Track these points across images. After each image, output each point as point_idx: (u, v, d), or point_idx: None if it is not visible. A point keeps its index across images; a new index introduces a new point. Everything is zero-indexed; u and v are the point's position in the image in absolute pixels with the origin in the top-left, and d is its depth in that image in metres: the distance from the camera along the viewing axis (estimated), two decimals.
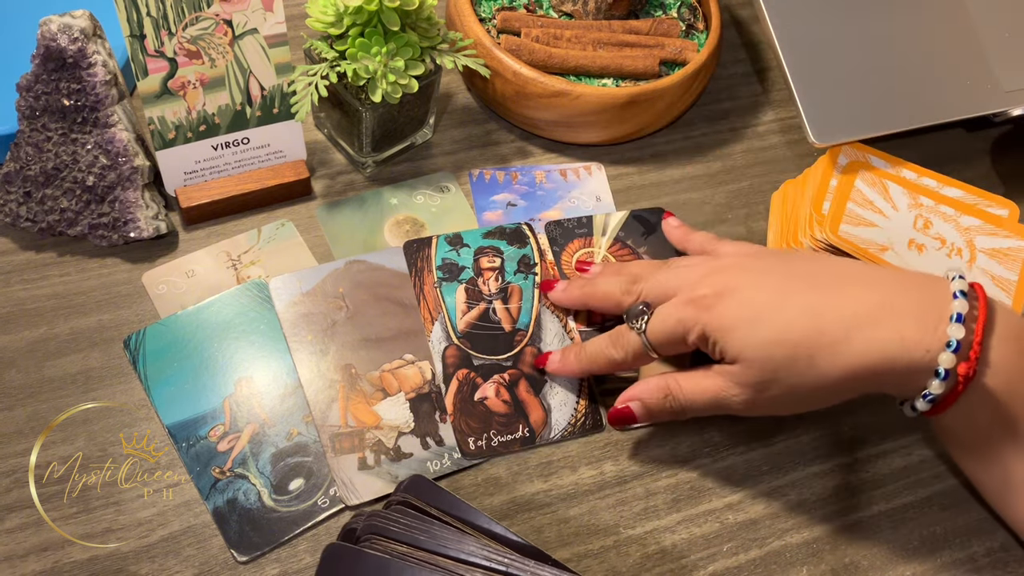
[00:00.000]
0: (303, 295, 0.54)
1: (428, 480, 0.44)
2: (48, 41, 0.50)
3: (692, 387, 0.47)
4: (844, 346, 0.43)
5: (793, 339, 0.43)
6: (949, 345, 0.42)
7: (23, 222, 0.54)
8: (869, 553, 0.50)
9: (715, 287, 0.46)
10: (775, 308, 0.44)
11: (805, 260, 0.48)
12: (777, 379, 0.44)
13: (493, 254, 0.58)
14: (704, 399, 0.47)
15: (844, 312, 0.43)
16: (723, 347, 0.45)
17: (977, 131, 0.71)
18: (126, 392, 0.50)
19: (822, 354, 0.43)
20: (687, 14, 0.68)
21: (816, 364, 0.43)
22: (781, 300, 0.45)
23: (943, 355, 0.42)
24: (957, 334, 0.42)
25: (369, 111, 0.56)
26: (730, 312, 0.45)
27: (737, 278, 0.46)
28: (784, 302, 0.44)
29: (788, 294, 0.45)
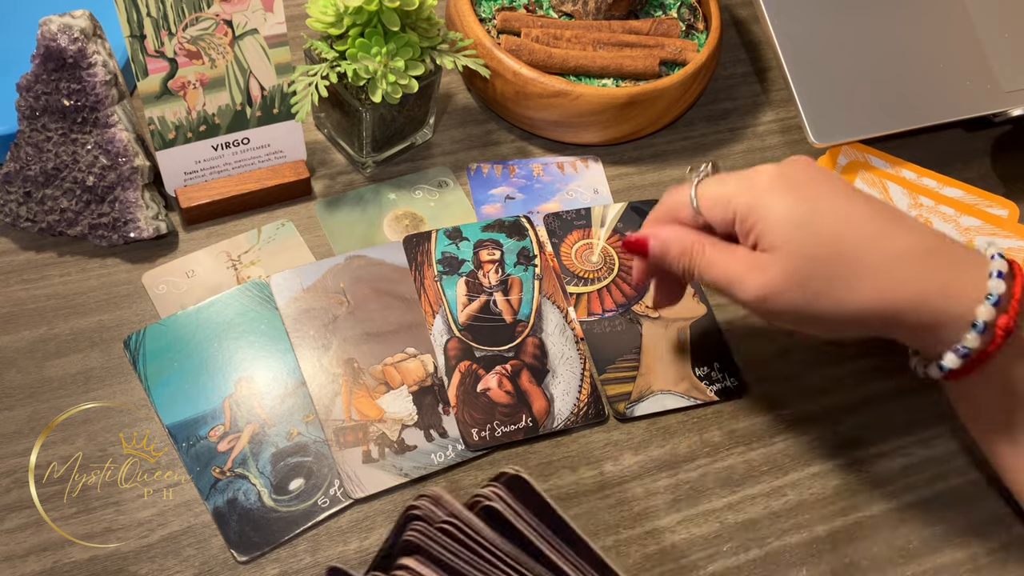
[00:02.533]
0: (304, 291, 0.54)
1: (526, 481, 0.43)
2: (48, 41, 0.50)
3: (715, 256, 0.45)
4: (885, 273, 0.41)
5: (840, 249, 0.42)
6: (989, 297, 0.41)
7: (23, 222, 0.54)
8: (869, 553, 0.50)
9: (780, 177, 0.44)
10: (831, 214, 0.43)
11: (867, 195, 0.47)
12: (806, 283, 0.42)
13: (492, 247, 0.58)
14: (720, 272, 0.44)
15: (896, 243, 0.42)
16: (762, 231, 0.43)
17: (977, 131, 0.71)
18: (126, 392, 0.50)
19: (863, 274, 0.41)
20: (687, 14, 0.68)
21: (853, 282, 0.42)
22: (838, 210, 0.43)
23: (982, 307, 0.41)
24: (998, 288, 0.41)
25: (369, 111, 0.56)
26: (785, 202, 0.43)
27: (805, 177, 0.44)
28: (841, 212, 0.43)
29: (848, 209, 0.43)
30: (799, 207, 0.43)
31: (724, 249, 0.45)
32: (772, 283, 0.43)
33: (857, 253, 0.42)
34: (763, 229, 0.43)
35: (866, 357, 0.58)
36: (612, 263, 0.59)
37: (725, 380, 0.55)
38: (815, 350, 0.58)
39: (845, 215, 0.43)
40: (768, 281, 0.43)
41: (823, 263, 0.42)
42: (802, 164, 0.45)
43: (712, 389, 0.55)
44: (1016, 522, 0.52)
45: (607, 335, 0.56)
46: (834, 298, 0.42)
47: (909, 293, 0.42)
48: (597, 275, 0.58)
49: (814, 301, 0.42)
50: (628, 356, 0.55)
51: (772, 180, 0.44)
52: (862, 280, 0.42)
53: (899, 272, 0.42)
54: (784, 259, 0.42)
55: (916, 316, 0.42)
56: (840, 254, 0.42)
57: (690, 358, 0.56)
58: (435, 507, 0.41)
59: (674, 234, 0.46)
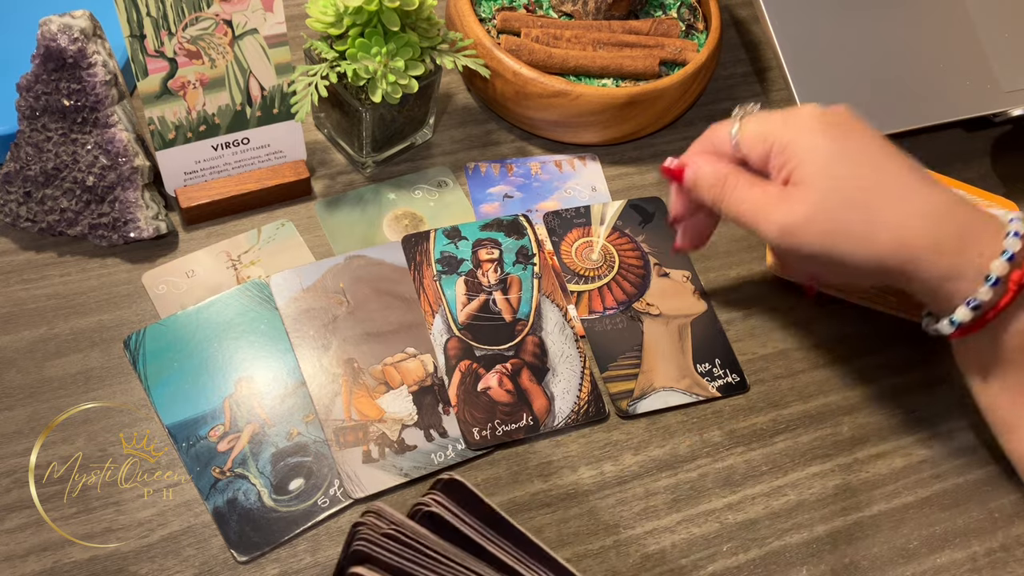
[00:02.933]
0: (304, 291, 0.54)
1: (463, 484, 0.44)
2: (48, 41, 0.50)
3: (746, 187, 0.46)
4: (907, 219, 0.43)
5: (867, 191, 0.43)
6: (1004, 253, 0.43)
7: (23, 222, 0.54)
8: (869, 553, 0.50)
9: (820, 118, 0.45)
10: (863, 158, 0.44)
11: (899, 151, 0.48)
12: (831, 219, 0.43)
13: (491, 246, 0.58)
14: (749, 203, 0.46)
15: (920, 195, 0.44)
16: (796, 165, 0.44)
17: (977, 131, 0.71)
18: (126, 392, 0.50)
19: (886, 217, 0.43)
20: (687, 14, 0.68)
21: (875, 224, 0.43)
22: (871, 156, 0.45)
23: (996, 262, 0.43)
24: (1014, 246, 0.43)
25: (369, 111, 0.56)
26: (821, 140, 0.44)
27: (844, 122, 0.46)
28: (872, 158, 0.44)
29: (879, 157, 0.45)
30: (833, 146, 0.44)
31: (755, 182, 0.46)
32: (798, 215, 0.44)
33: (882, 197, 0.43)
34: (797, 163, 0.44)
35: (866, 357, 0.58)
36: (612, 261, 0.59)
37: (727, 376, 0.55)
38: (815, 350, 0.58)
39: (876, 161, 0.44)
40: (794, 213, 0.44)
41: (850, 202, 0.43)
42: (843, 111, 0.46)
43: (714, 385, 0.55)
44: (1016, 522, 0.52)
45: (608, 333, 0.56)
46: (856, 238, 0.43)
47: (927, 241, 0.43)
48: (598, 273, 0.58)
49: (836, 238, 0.44)
50: (630, 354, 0.55)
51: (812, 119, 0.45)
52: (884, 223, 0.43)
53: (920, 220, 0.43)
54: (813, 193, 0.44)
55: (932, 265, 0.43)
56: (867, 196, 0.43)
57: (691, 355, 0.56)
58: (378, 520, 0.42)
59: (710, 164, 0.48)
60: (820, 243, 0.44)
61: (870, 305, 0.59)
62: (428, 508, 0.42)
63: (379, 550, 0.40)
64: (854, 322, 0.59)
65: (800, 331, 0.58)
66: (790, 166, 0.45)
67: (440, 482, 0.44)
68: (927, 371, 0.58)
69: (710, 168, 0.48)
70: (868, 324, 0.59)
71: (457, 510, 0.43)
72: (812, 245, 0.44)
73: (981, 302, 0.43)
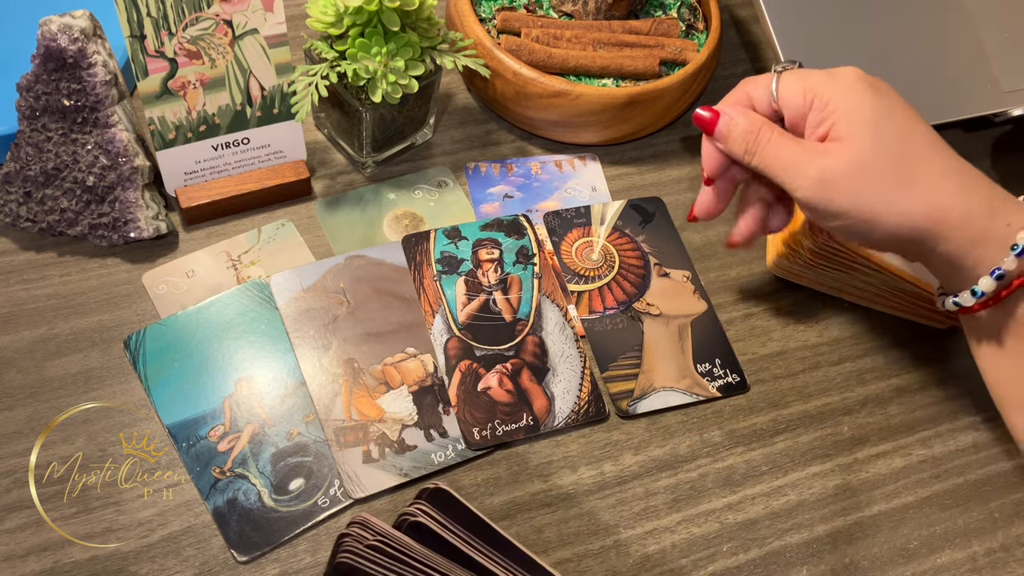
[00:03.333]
0: (304, 291, 0.54)
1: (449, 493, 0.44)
2: (48, 41, 0.50)
3: (781, 139, 0.46)
4: (940, 184, 0.44)
5: (904, 153, 0.44)
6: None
7: (23, 222, 0.54)
8: (869, 553, 0.50)
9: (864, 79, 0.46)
10: (902, 122, 0.45)
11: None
12: (867, 174, 0.44)
13: (491, 246, 0.58)
14: (783, 154, 0.46)
15: (952, 164, 0.44)
16: (838, 119, 0.44)
17: (977, 131, 0.71)
18: (126, 392, 0.50)
19: (920, 180, 0.43)
20: (687, 14, 0.68)
21: (909, 186, 0.43)
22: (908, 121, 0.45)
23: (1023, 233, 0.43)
24: None
25: (369, 111, 0.56)
26: (864, 98, 0.45)
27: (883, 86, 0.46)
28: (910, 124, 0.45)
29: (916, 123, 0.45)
30: (876, 106, 0.44)
31: (788, 136, 0.47)
32: (837, 168, 0.44)
33: (918, 161, 0.44)
34: (839, 118, 0.44)
35: (866, 356, 0.58)
36: (612, 261, 0.59)
37: (727, 376, 0.55)
38: (815, 350, 0.58)
39: (914, 128, 0.45)
40: (834, 166, 0.44)
41: (887, 160, 0.44)
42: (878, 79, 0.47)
43: (714, 385, 0.55)
44: (1016, 522, 0.53)
45: (608, 333, 0.56)
46: (886, 198, 0.44)
47: (960, 205, 0.43)
48: (598, 273, 0.58)
49: (872, 194, 0.44)
50: (630, 354, 0.55)
51: (856, 78, 0.45)
52: (921, 184, 0.43)
53: (953, 186, 0.44)
54: (855, 147, 0.44)
55: (959, 231, 0.43)
56: (904, 157, 0.44)
57: (691, 355, 0.56)
58: (363, 531, 0.42)
59: (744, 114, 0.48)
60: (855, 199, 0.44)
61: (870, 305, 0.59)
62: (413, 518, 0.43)
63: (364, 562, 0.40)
64: (854, 322, 0.59)
65: (800, 331, 0.58)
66: (831, 120, 0.45)
67: (425, 491, 0.44)
68: (927, 371, 0.58)
69: (744, 119, 0.47)
70: (868, 324, 0.59)
71: (442, 519, 0.43)
72: (846, 201, 0.44)
73: (1006, 272, 0.43)
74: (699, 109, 0.49)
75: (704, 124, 0.49)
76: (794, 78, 0.47)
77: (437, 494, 0.44)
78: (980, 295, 0.44)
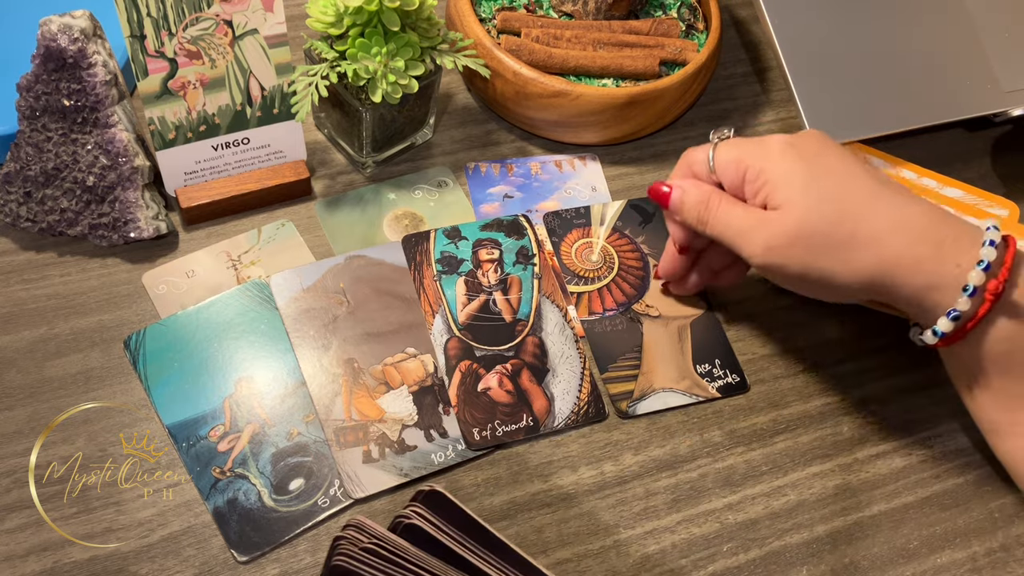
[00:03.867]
0: (304, 291, 0.54)
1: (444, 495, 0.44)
2: (48, 41, 0.50)
3: (729, 209, 0.48)
4: (885, 236, 0.44)
5: (842, 211, 0.45)
6: (980, 263, 0.43)
7: (23, 222, 0.54)
8: (869, 553, 0.50)
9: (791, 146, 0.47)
10: (836, 180, 0.46)
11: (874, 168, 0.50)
12: (810, 239, 0.45)
13: (491, 246, 0.58)
14: (731, 222, 0.48)
15: (895, 211, 0.45)
16: (771, 191, 0.46)
17: (977, 131, 0.71)
18: (126, 392, 0.50)
19: (864, 235, 0.44)
20: (687, 14, 0.68)
21: (853, 243, 0.44)
22: (843, 177, 0.46)
23: (973, 272, 0.43)
24: (989, 255, 0.44)
25: (369, 111, 0.56)
26: (794, 166, 0.46)
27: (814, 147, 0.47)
28: (845, 180, 0.46)
29: (852, 178, 0.46)
30: (807, 172, 0.46)
31: (736, 204, 0.48)
32: (778, 237, 0.46)
33: (859, 217, 0.45)
34: (772, 189, 0.46)
35: (866, 357, 0.58)
36: (612, 262, 0.59)
37: (727, 377, 0.55)
38: (815, 350, 0.58)
39: (849, 182, 0.46)
40: (774, 234, 0.46)
41: (827, 223, 0.45)
42: (813, 136, 0.48)
43: (714, 386, 0.55)
44: (1016, 522, 0.53)
45: (608, 334, 0.56)
46: (836, 257, 0.45)
47: (907, 254, 0.44)
48: (597, 274, 0.58)
49: (818, 258, 0.45)
50: (629, 355, 0.55)
51: (783, 147, 0.47)
52: (863, 240, 0.44)
53: (898, 236, 0.44)
54: (790, 216, 0.45)
55: (912, 278, 0.44)
56: (843, 216, 0.45)
57: (691, 356, 0.56)
58: (359, 534, 0.42)
59: (694, 185, 0.50)
60: (803, 263, 0.46)
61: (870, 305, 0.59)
62: (409, 520, 0.43)
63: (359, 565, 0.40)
64: (854, 322, 0.59)
65: (800, 331, 0.58)
66: (765, 191, 0.46)
67: (421, 493, 0.44)
68: (927, 371, 0.57)
69: (695, 189, 0.50)
70: (868, 324, 0.59)
71: (438, 521, 0.43)
72: (795, 266, 0.46)
73: (960, 312, 0.44)
74: (653, 185, 0.52)
75: (659, 198, 0.51)
76: (728, 149, 0.49)
77: (432, 496, 0.44)
78: (941, 335, 0.46)
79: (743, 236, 0.47)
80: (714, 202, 0.49)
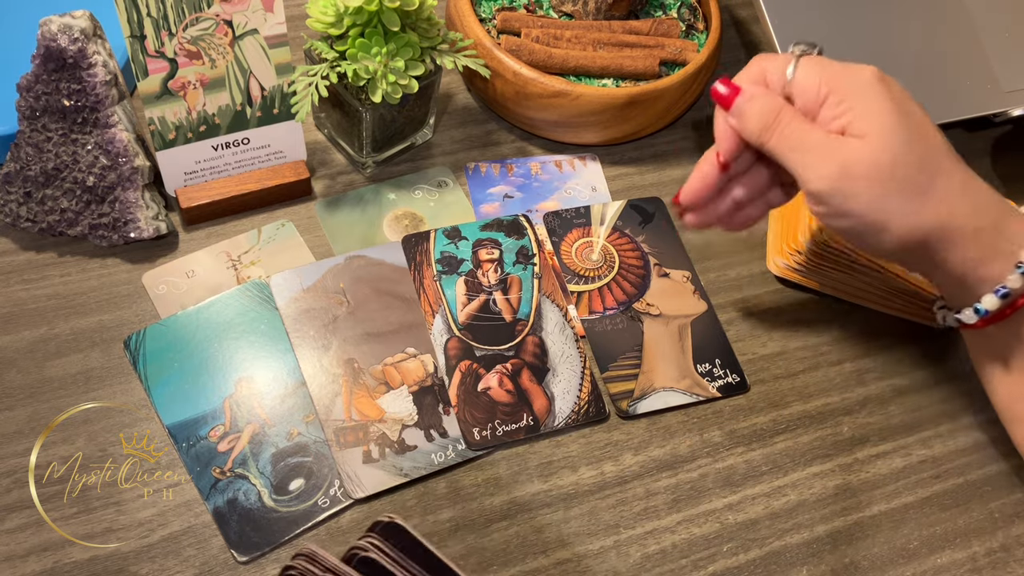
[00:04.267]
0: (304, 291, 0.54)
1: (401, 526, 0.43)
2: (48, 41, 0.50)
3: (801, 126, 0.44)
4: (955, 197, 0.43)
5: (929, 155, 0.43)
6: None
7: (23, 222, 0.54)
8: (869, 553, 0.50)
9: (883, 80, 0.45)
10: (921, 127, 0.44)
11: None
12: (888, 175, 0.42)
13: (491, 246, 0.58)
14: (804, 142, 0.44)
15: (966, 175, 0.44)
16: (858, 116, 0.43)
17: (977, 131, 0.71)
18: (126, 392, 0.50)
19: (936, 189, 0.42)
20: (687, 14, 0.68)
21: (927, 190, 0.42)
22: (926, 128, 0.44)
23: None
24: None
25: (369, 111, 0.56)
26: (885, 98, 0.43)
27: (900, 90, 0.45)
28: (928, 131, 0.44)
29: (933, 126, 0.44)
30: (897, 111, 0.43)
31: (810, 123, 0.44)
32: (857, 164, 0.42)
33: (938, 169, 0.43)
34: (859, 115, 0.43)
35: (866, 357, 0.58)
36: (612, 261, 0.59)
37: (727, 376, 0.55)
38: (815, 350, 0.58)
39: (932, 133, 0.44)
40: (853, 160, 0.42)
41: (908, 166, 0.42)
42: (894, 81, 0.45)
43: (714, 386, 0.55)
44: (1016, 522, 0.53)
45: (608, 333, 0.56)
46: (906, 202, 0.42)
47: (970, 222, 0.43)
48: (598, 273, 0.58)
49: (888, 198, 0.42)
50: (630, 354, 0.55)
51: (875, 78, 0.44)
52: (935, 196, 0.42)
53: (965, 200, 0.43)
54: (875, 147, 0.42)
55: (969, 247, 0.43)
56: (925, 163, 0.43)
57: (691, 355, 0.56)
58: (311, 564, 0.41)
59: (764, 93, 0.45)
60: (871, 199, 0.42)
61: (870, 305, 0.59)
62: (365, 552, 0.41)
63: None
64: (854, 322, 0.59)
65: (800, 331, 0.58)
66: (849, 117, 0.43)
67: (379, 524, 0.43)
68: (927, 371, 0.58)
69: (765, 97, 0.45)
70: (868, 324, 0.59)
71: (395, 555, 0.42)
72: (862, 200, 0.42)
73: (1010, 290, 0.43)
74: (718, 82, 0.46)
75: (721, 99, 0.46)
76: (812, 66, 0.45)
77: (390, 528, 0.43)
78: (984, 313, 0.44)
79: (813, 156, 0.43)
80: (786, 115, 0.44)
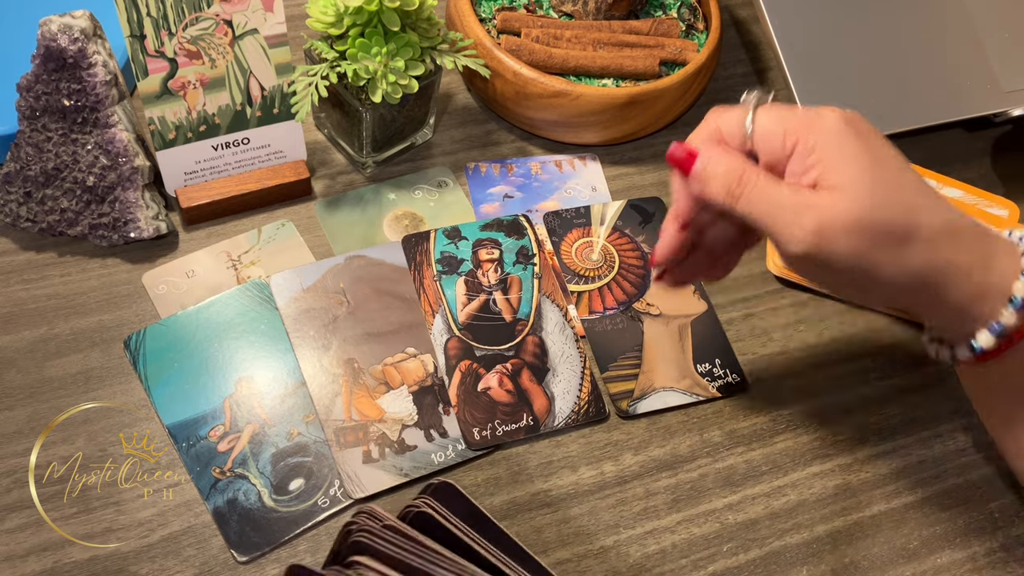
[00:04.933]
0: (304, 291, 0.54)
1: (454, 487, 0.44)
2: (48, 41, 0.50)
3: (769, 186, 0.41)
4: (939, 238, 0.40)
5: (907, 198, 0.40)
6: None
7: (23, 222, 0.54)
8: (869, 553, 0.50)
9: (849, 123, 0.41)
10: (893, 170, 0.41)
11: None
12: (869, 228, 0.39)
13: (491, 246, 0.58)
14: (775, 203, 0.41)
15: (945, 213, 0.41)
16: (828, 169, 0.40)
17: (977, 131, 0.71)
18: (126, 392, 0.50)
19: (920, 234, 0.40)
20: (687, 14, 0.68)
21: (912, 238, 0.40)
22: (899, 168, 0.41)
23: (1018, 283, 0.40)
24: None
25: (369, 111, 0.56)
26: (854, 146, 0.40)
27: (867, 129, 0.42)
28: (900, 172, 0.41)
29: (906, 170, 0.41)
30: (868, 154, 0.40)
31: (778, 181, 0.41)
32: (834, 220, 0.39)
33: (919, 210, 0.40)
34: (829, 166, 0.40)
35: (866, 357, 0.58)
36: (612, 261, 0.59)
37: (727, 376, 0.55)
38: (815, 349, 0.58)
39: (905, 172, 0.41)
40: (829, 217, 0.39)
41: (891, 212, 0.40)
42: (858, 116, 0.42)
43: (714, 385, 0.55)
44: (1016, 522, 0.53)
45: (608, 333, 0.56)
46: (891, 251, 0.40)
47: (958, 260, 0.40)
48: (598, 273, 0.58)
49: (872, 250, 0.40)
50: (630, 354, 0.55)
51: (840, 123, 0.41)
52: (921, 237, 0.40)
53: (951, 239, 0.41)
54: (850, 199, 0.39)
55: (963, 284, 0.41)
56: (906, 208, 0.40)
57: (691, 355, 0.56)
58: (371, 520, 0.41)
59: (724, 153, 0.42)
60: (855, 253, 0.40)
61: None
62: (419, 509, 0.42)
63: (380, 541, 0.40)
64: (854, 322, 0.59)
65: (800, 331, 0.58)
66: (819, 169, 0.40)
67: (431, 486, 0.44)
68: (927, 371, 0.58)
69: (726, 158, 0.42)
70: (868, 324, 0.59)
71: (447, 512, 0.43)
72: (845, 256, 0.40)
73: (1005, 326, 0.41)
74: (673, 147, 0.43)
75: (679, 164, 0.43)
76: (772, 117, 0.42)
77: (442, 488, 0.44)
78: (979, 350, 0.42)
79: (788, 217, 0.40)
80: (750, 176, 0.41)
